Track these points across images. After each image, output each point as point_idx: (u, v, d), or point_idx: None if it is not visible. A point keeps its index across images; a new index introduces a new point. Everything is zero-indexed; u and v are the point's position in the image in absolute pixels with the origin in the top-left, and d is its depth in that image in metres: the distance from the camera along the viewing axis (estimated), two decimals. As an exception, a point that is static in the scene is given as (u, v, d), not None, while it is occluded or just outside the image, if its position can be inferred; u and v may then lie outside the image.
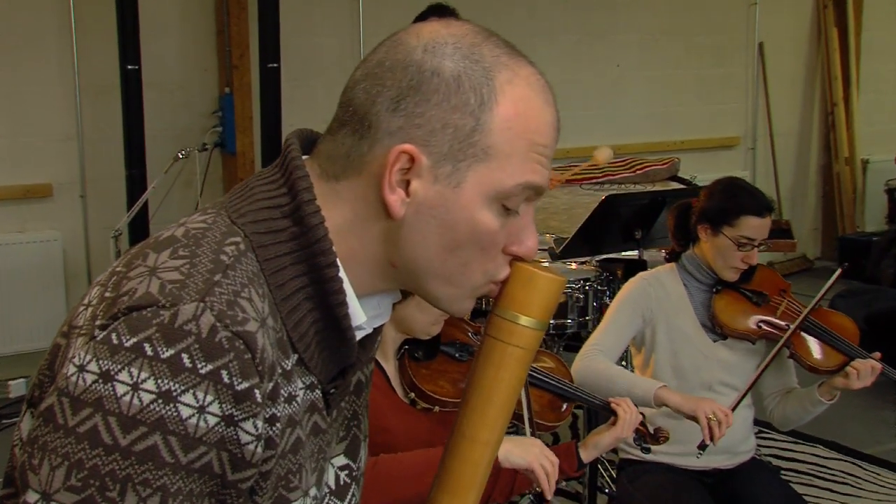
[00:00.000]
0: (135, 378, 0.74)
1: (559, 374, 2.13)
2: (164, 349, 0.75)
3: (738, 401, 2.40)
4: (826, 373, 2.43)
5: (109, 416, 0.74)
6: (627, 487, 2.51)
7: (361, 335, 0.92)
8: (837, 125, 6.75)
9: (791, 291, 2.58)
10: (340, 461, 1.00)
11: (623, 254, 3.27)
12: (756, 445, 2.60)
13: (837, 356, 2.44)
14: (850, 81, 6.74)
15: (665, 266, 2.54)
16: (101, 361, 0.75)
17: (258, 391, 0.78)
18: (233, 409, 0.76)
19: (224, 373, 0.76)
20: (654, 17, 6.13)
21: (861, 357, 2.40)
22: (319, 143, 0.90)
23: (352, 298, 0.88)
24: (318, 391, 0.90)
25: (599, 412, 2.43)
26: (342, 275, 0.86)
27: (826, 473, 3.66)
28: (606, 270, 3.17)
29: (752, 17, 6.49)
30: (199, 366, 0.75)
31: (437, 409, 1.88)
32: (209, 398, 0.75)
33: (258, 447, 0.79)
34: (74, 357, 0.78)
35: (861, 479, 3.62)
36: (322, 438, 0.93)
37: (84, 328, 0.80)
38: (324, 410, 0.92)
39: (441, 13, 3.60)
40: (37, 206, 4.54)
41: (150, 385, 0.74)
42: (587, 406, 2.19)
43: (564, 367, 2.19)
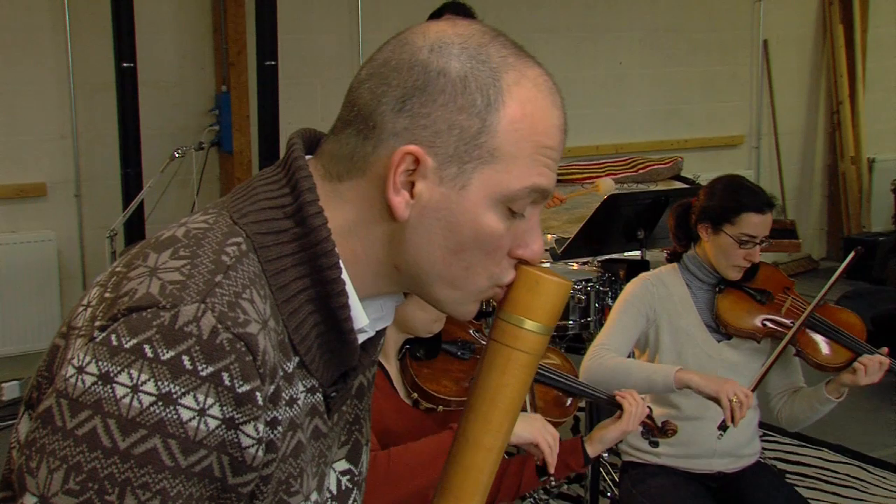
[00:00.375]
0: (135, 380, 0.74)
1: (564, 370, 2.14)
2: (165, 351, 0.75)
3: (758, 382, 2.39)
4: (833, 370, 2.43)
5: (109, 419, 0.74)
6: (630, 491, 2.52)
7: (364, 338, 0.92)
8: (843, 123, 6.75)
9: (795, 289, 2.58)
10: (342, 466, 1.00)
11: (625, 254, 3.28)
12: (761, 448, 2.61)
13: (844, 353, 2.44)
14: (856, 79, 6.74)
15: (667, 266, 2.54)
16: (101, 363, 0.75)
17: (259, 394, 0.78)
18: (234, 412, 0.76)
19: (225, 375, 0.76)
20: (657, 14, 6.13)
21: (868, 353, 2.40)
22: (323, 143, 0.90)
23: (354, 301, 0.87)
24: (319, 394, 0.90)
25: (603, 408, 2.43)
26: (345, 277, 0.86)
27: (832, 477, 3.66)
28: (608, 271, 3.17)
29: (757, 14, 6.50)
30: (200, 368, 0.75)
31: (441, 409, 1.89)
32: (210, 401, 0.75)
33: (259, 451, 0.79)
34: (73, 359, 0.78)
35: (867, 483, 3.62)
36: (323, 442, 0.93)
37: (83, 329, 0.80)
38: (325, 414, 0.92)
39: (457, 11, 3.60)
40: (31, 206, 4.54)
41: (150, 387, 0.74)
42: (592, 401, 2.20)
43: (569, 363, 2.19)
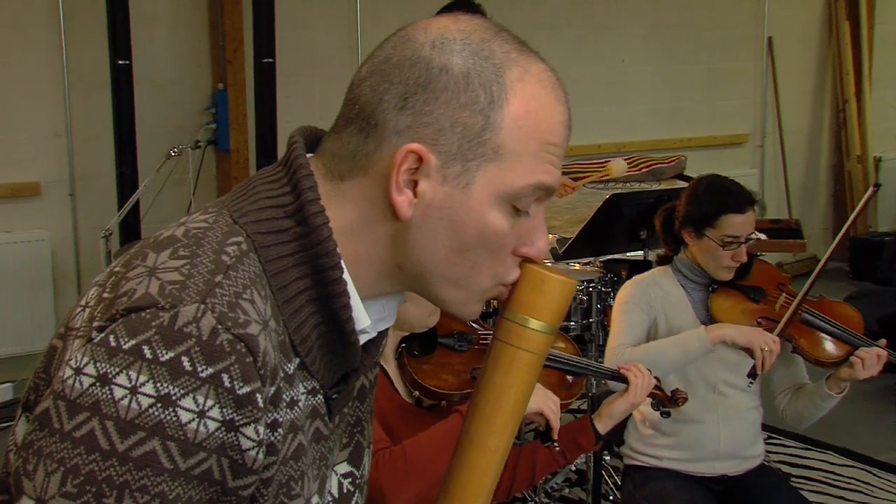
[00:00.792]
0: (133, 381, 0.74)
1: (566, 352, 2.15)
2: (164, 352, 0.75)
3: (782, 329, 2.40)
4: (831, 365, 2.44)
5: (107, 421, 0.74)
6: (633, 494, 2.52)
7: (365, 339, 0.92)
8: (849, 121, 6.75)
9: (790, 284, 2.58)
10: (343, 468, 1.00)
11: (628, 254, 3.28)
12: (765, 451, 2.61)
13: (841, 346, 2.45)
14: (863, 76, 6.74)
15: (659, 269, 2.55)
16: (99, 364, 0.75)
17: (260, 395, 0.78)
18: (234, 414, 0.76)
19: (225, 376, 0.76)
20: (660, 11, 6.13)
21: (866, 346, 2.40)
22: (324, 142, 0.90)
23: (356, 301, 0.87)
24: (321, 396, 0.90)
25: (609, 381, 2.43)
26: (346, 277, 0.86)
27: (838, 481, 3.66)
28: (611, 271, 3.17)
29: (761, 11, 6.50)
30: (200, 369, 0.75)
31: (444, 404, 1.89)
32: (210, 402, 0.75)
33: (259, 453, 0.79)
34: (71, 360, 0.78)
35: (874, 487, 3.62)
36: (324, 445, 0.93)
37: (81, 330, 0.80)
38: (326, 416, 0.92)
39: (467, 10, 3.60)
40: (24, 206, 4.54)
41: (149, 389, 0.74)
42: (596, 378, 2.20)
43: (571, 344, 2.20)
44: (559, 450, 1.94)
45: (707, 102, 6.40)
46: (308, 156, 0.89)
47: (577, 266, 3.30)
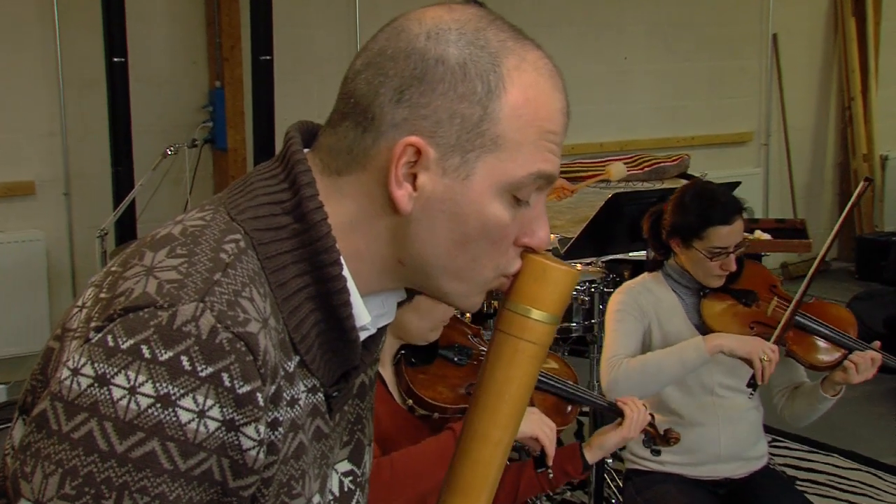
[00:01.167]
0: (132, 382, 0.74)
1: (563, 376, 2.13)
2: (163, 351, 0.75)
3: (778, 338, 2.39)
4: (825, 368, 2.44)
5: (105, 422, 0.74)
6: (634, 498, 2.52)
7: (365, 336, 0.92)
8: (855, 120, 6.75)
9: (781, 285, 2.58)
10: (344, 467, 1.00)
11: (630, 254, 3.27)
12: (768, 452, 2.61)
13: (835, 350, 2.44)
14: (869, 74, 6.74)
15: (650, 275, 2.55)
16: (97, 364, 0.75)
17: (260, 395, 0.78)
18: (234, 414, 0.76)
19: (225, 375, 0.76)
20: (663, 8, 6.13)
21: (860, 349, 2.40)
22: (320, 137, 0.90)
23: (356, 298, 0.87)
24: (321, 394, 0.90)
25: (606, 415, 2.43)
26: (346, 273, 0.86)
27: (843, 484, 3.66)
28: (613, 272, 3.17)
29: (766, 7, 6.49)
30: (199, 368, 0.75)
31: (437, 416, 1.89)
32: (209, 402, 0.75)
33: (260, 453, 0.79)
34: (68, 360, 0.77)
35: (880, 490, 3.62)
36: (325, 444, 0.93)
37: (79, 331, 0.80)
38: (326, 414, 0.92)
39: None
40: (18, 205, 4.54)
41: (148, 389, 0.74)
42: (592, 408, 2.21)
43: (569, 369, 2.19)
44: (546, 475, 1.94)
45: (710, 100, 6.40)
46: (304, 151, 0.89)
47: (579, 266, 3.30)
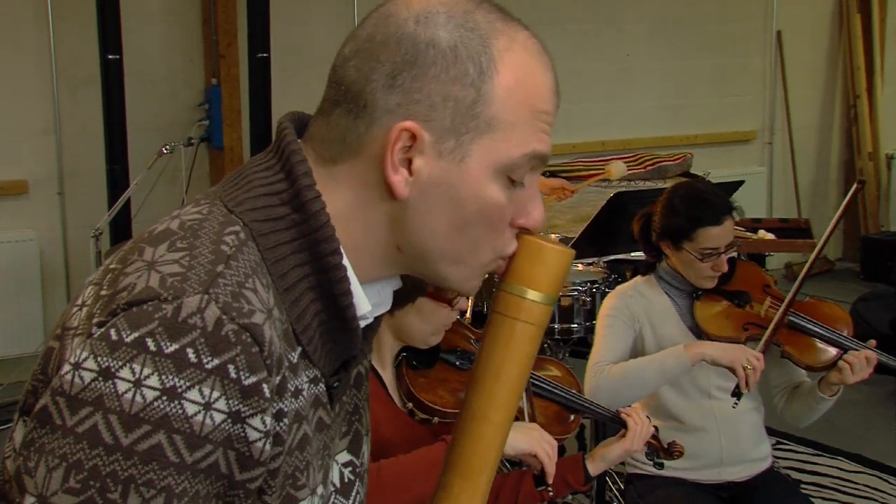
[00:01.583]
0: (137, 374, 0.74)
1: (566, 384, 2.13)
2: (168, 344, 0.75)
3: (765, 347, 2.39)
4: (821, 369, 2.44)
5: (110, 415, 0.74)
6: (637, 502, 2.52)
7: (364, 325, 0.93)
8: (860, 118, 6.75)
9: (775, 285, 2.58)
10: (344, 457, 1.01)
11: (632, 255, 3.28)
12: (772, 453, 2.61)
13: (830, 350, 2.44)
14: (874, 71, 6.74)
15: (643, 278, 2.56)
16: (100, 358, 0.76)
17: (266, 385, 0.79)
18: (240, 405, 0.77)
19: (231, 367, 0.76)
20: (666, 5, 6.13)
21: (855, 348, 2.40)
22: (311, 126, 0.91)
23: (356, 287, 0.89)
24: (322, 385, 0.91)
25: (608, 423, 2.43)
26: (345, 262, 0.87)
27: (849, 487, 3.66)
28: (615, 272, 3.17)
29: (770, 4, 6.50)
30: (205, 360, 0.76)
31: (437, 420, 1.89)
32: (216, 394, 0.76)
33: (266, 444, 0.80)
34: (70, 356, 0.78)
35: (886, 494, 3.62)
36: (327, 434, 0.94)
37: (80, 328, 0.80)
38: (328, 405, 0.93)
39: None
40: (11, 204, 4.54)
41: (154, 381, 0.74)
42: (595, 418, 2.20)
43: (572, 377, 2.19)
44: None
45: (714, 98, 6.40)
46: (298, 141, 0.90)
47: (581, 267, 3.30)
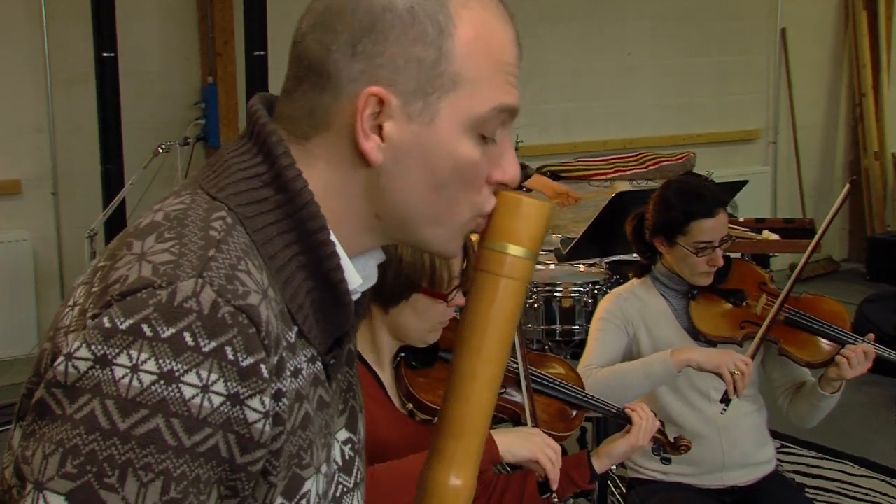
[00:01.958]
0: (134, 360, 0.75)
1: (569, 381, 2.13)
2: (165, 329, 0.76)
3: (754, 353, 2.39)
4: (820, 365, 2.43)
5: (107, 400, 0.75)
6: (640, 506, 2.52)
7: (353, 299, 0.94)
8: (866, 117, 6.75)
9: (771, 282, 2.58)
10: (343, 435, 1.03)
11: (634, 255, 3.28)
12: (776, 457, 2.61)
13: (828, 345, 2.44)
14: (881, 69, 6.74)
15: (638, 280, 2.56)
16: (94, 347, 0.76)
17: (264, 366, 0.80)
18: (238, 387, 0.78)
19: (228, 349, 0.77)
20: (668, 2, 6.14)
21: (852, 343, 2.40)
22: (279, 106, 0.93)
23: (346, 261, 0.90)
24: (319, 363, 0.93)
25: (611, 421, 2.44)
26: (333, 238, 0.89)
27: (855, 491, 3.66)
28: (617, 273, 3.18)
29: (774, 1, 6.50)
30: (202, 344, 0.76)
31: (437, 421, 1.89)
32: (213, 377, 0.77)
33: (266, 425, 0.80)
34: (63, 350, 0.79)
35: (892, 498, 3.62)
36: (327, 413, 0.95)
37: (72, 325, 0.81)
38: (326, 383, 0.94)
39: None
40: (4, 204, 4.54)
41: (151, 366, 0.75)
42: (599, 414, 2.20)
43: (574, 374, 2.19)
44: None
45: (717, 97, 6.41)
46: (271, 121, 0.92)
47: (583, 268, 3.31)
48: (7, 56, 4.48)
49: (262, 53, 4.47)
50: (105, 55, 4.24)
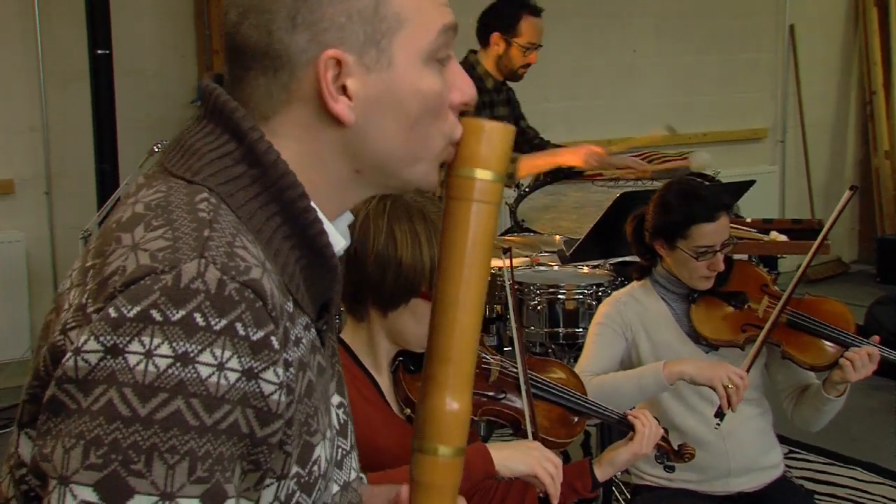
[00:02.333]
0: (147, 346, 0.77)
1: (570, 386, 2.13)
2: (174, 312, 0.78)
3: (749, 365, 2.38)
4: (824, 368, 2.43)
5: (124, 388, 0.77)
6: (644, 514, 2.52)
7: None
8: (876, 115, 6.75)
9: (774, 284, 2.58)
10: (336, 399, 1.06)
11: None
12: (783, 462, 2.60)
13: (832, 348, 2.44)
14: (892, 67, 6.73)
15: (639, 283, 2.56)
16: (103, 338, 0.78)
17: (274, 338, 0.82)
18: (252, 361, 0.80)
19: (238, 325, 0.80)
20: (675, -2, 6.14)
21: (856, 345, 2.39)
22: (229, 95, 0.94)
23: (328, 226, 0.94)
24: (313, 330, 0.95)
25: (614, 427, 2.43)
26: (313, 204, 0.91)
27: (865, 498, 3.66)
28: (621, 275, 3.17)
29: (782, -3, 6.50)
30: (213, 322, 0.79)
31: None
32: (227, 354, 0.79)
33: (281, 396, 0.83)
34: (69, 346, 0.80)
35: (902, 504, 3.62)
36: (325, 378, 0.99)
37: (72, 323, 0.82)
38: (321, 349, 0.97)
39: (514, 6, 3.86)
40: (-2, 205, 4.54)
41: (166, 350, 0.77)
42: (601, 420, 2.19)
43: (576, 378, 2.19)
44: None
45: (724, 95, 6.40)
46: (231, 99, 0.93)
47: (586, 269, 3.30)
48: None
49: (260, 51, 4.46)
50: (99, 53, 4.23)
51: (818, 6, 6.69)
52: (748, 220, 3.80)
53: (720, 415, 2.30)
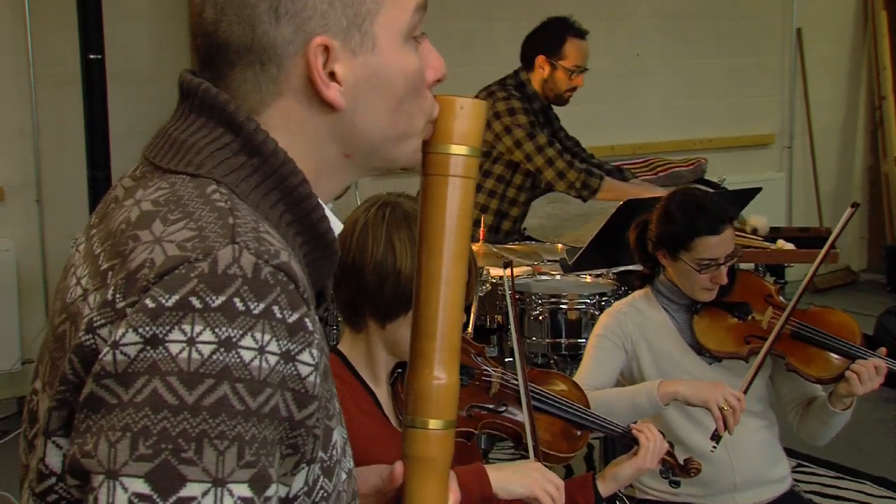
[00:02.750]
0: (189, 333, 0.79)
1: (573, 398, 2.13)
2: (214, 298, 0.80)
3: (748, 385, 2.38)
4: (830, 380, 2.42)
5: (169, 377, 0.78)
6: (649, 529, 2.52)
7: None
8: (886, 120, 6.75)
9: (781, 293, 2.58)
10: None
11: (644, 265, 3.28)
12: (790, 475, 2.60)
13: (838, 360, 2.43)
14: (900, 71, 6.75)
15: (640, 292, 2.56)
16: (142, 329, 0.79)
17: (308, 319, 0.85)
18: (289, 344, 0.82)
19: (275, 308, 0.82)
20: (679, 0, 6.14)
21: (862, 357, 2.39)
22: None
23: (327, 211, 0.97)
24: (316, 316, 0.97)
25: (618, 441, 2.43)
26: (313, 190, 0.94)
27: (873, 512, 3.66)
28: (625, 284, 3.18)
29: (789, 0, 6.51)
30: (252, 307, 0.81)
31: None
32: (267, 337, 0.81)
33: (317, 377, 0.85)
34: (103, 343, 0.81)
35: (913, 519, 3.62)
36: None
37: (100, 320, 0.83)
38: (325, 333, 0.99)
39: (561, 28, 3.99)
40: (-13, 212, 4.54)
41: (208, 336, 0.79)
42: (605, 434, 2.19)
43: (579, 391, 2.19)
44: None
45: (729, 100, 6.41)
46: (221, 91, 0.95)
47: (589, 279, 3.31)
48: (-11, 58, 4.49)
49: (256, 55, 4.46)
50: (92, 57, 4.23)
51: (826, 9, 6.69)
52: (752, 231, 3.80)
53: (716, 437, 2.29)
